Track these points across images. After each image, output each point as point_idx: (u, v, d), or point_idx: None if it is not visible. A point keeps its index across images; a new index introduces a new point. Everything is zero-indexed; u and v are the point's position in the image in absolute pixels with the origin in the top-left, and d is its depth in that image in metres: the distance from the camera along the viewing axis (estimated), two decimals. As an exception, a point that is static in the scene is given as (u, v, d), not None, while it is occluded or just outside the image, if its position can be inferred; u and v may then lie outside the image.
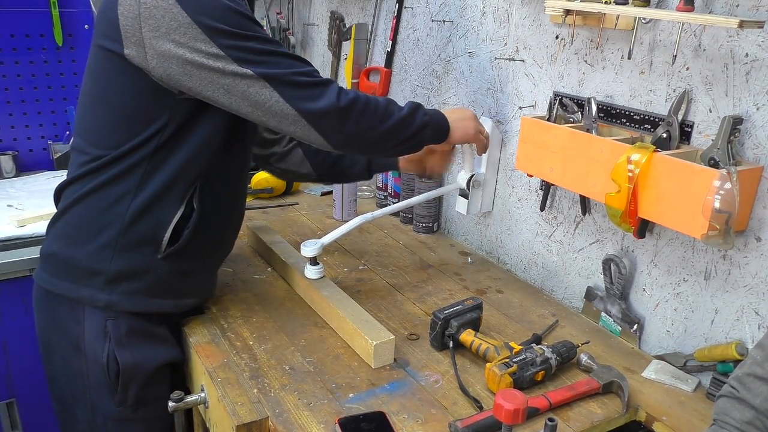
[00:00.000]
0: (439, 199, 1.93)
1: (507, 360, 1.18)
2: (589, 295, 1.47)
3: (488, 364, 1.19)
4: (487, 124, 1.65)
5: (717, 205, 1.06)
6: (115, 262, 1.21)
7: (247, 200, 2.12)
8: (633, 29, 1.23)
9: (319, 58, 2.61)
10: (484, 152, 1.54)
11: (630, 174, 1.18)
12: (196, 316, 1.43)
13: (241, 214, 1.43)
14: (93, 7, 2.27)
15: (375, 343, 1.23)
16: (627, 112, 1.32)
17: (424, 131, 1.30)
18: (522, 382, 1.17)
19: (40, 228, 1.81)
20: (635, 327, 1.37)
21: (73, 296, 1.22)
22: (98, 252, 1.20)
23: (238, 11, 1.09)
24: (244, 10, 1.11)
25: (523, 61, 1.58)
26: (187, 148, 1.18)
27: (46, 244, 1.28)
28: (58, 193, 1.28)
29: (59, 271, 1.24)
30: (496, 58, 1.66)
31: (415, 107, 1.29)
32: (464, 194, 1.72)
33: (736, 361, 1.14)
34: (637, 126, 1.31)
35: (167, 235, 1.21)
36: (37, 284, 1.29)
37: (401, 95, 2.09)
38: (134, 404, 1.28)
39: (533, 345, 1.25)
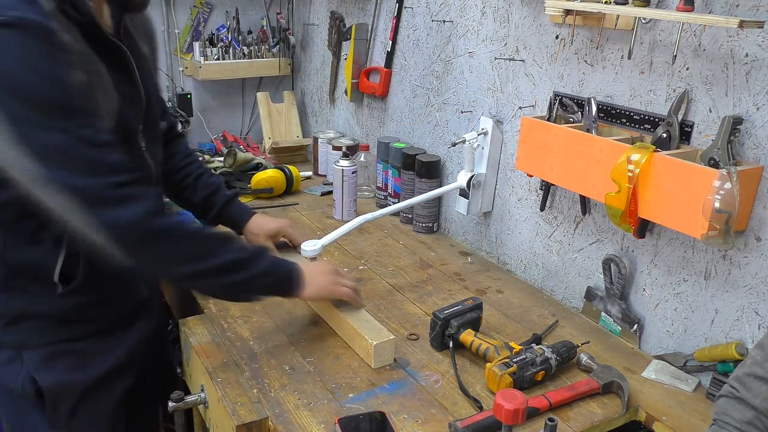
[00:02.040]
0: (439, 199, 1.93)
1: (507, 360, 1.18)
2: (589, 295, 1.47)
3: (488, 365, 1.19)
4: (488, 124, 1.65)
5: (717, 205, 1.06)
6: (10, 304, 1.17)
7: (246, 199, 2.13)
8: (633, 29, 1.23)
9: (319, 58, 2.61)
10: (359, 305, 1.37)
11: (630, 174, 1.18)
12: (196, 316, 1.43)
13: None
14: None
15: (375, 343, 1.23)
16: (627, 112, 1.32)
17: (258, 280, 1.18)
18: (522, 382, 1.17)
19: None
20: (635, 327, 1.37)
21: None
22: None
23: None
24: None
25: (523, 61, 1.58)
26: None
27: None
28: None
29: None
30: (496, 58, 1.66)
31: (258, 253, 1.19)
32: (464, 194, 1.71)
33: (736, 361, 1.13)
34: (637, 126, 1.31)
35: (56, 278, 1.14)
36: None
37: (401, 95, 2.09)
38: (66, 422, 1.24)
39: (533, 345, 1.25)
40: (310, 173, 2.41)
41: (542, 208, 1.55)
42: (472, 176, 1.67)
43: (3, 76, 0.92)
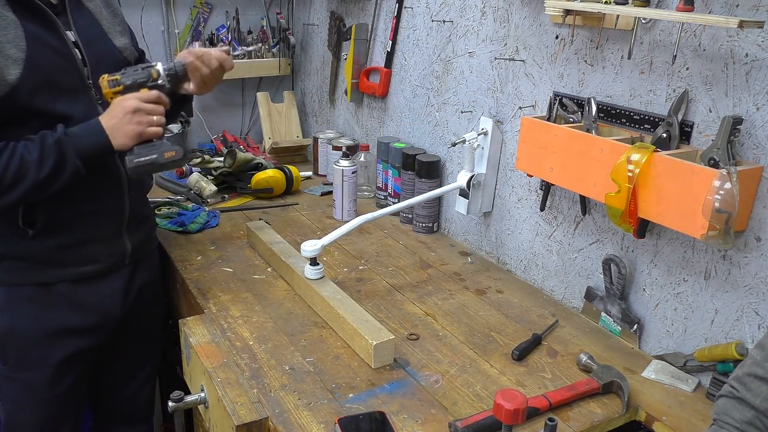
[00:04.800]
0: (439, 199, 1.93)
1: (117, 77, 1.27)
2: (589, 295, 1.47)
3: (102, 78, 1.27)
4: (488, 124, 1.65)
5: (717, 205, 1.06)
6: None
7: (246, 199, 2.13)
8: (633, 29, 1.23)
9: (319, 58, 2.61)
10: (199, 89, 1.38)
11: (630, 174, 1.18)
12: (196, 316, 1.43)
13: (115, 178, 1.38)
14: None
15: (375, 343, 1.23)
16: (627, 112, 1.32)
17: (73, 171, 1.22)
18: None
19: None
20: (635, 327, 1.37)
21: None
22: None
23: None
24: None
25: (523, 61, 1.58)
26: None
27: None
28: None
29: None
30: (496, 58, 1.66)
31: (59, 154, 1.20)
32: (464, 194, 1.71)
33: (736, 361, 1.13)
34: (637, 126, 1.31)
35: (19, 222, 1.26)
36: None
37: (401, 95, 2.09)
38: (15, 365, 1.36)
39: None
40: (310, 173, 2.41)
41: (542, 208, 1.55)
42: (472, 176, 1.67)
43: None
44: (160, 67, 1.32)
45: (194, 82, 1.37)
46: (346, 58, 2.32)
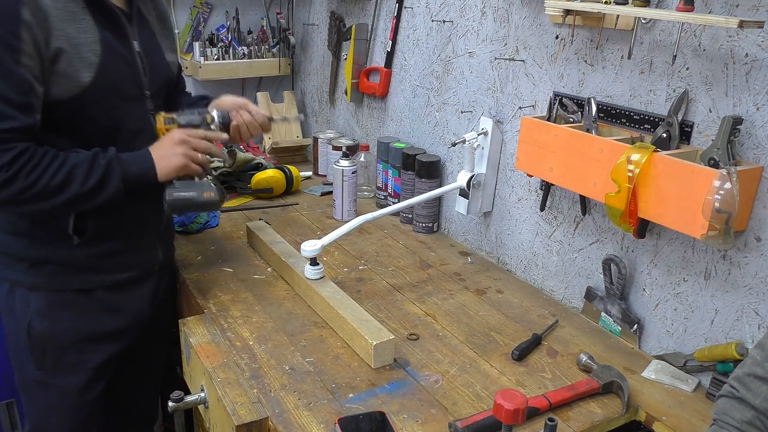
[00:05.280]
0: (439, 199, 1.93)
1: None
2: (589, 295, 1.47)
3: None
4: (488, 124, 1.65)
5: (717, 205, 1.06)
6: (34, 249, 1.31)
7: (246, 199, 2.13)
8: (633, 29, 1.23)
9: (319, 58, 2.61)
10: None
11: (630, 174, 1.18)
12: (196, 316, 1.43)
13: (158, 195, 1.39)
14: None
15: (375, 343, 1.23)
16: (627, 112, 1.32)
17: (116, 193, 1.24)
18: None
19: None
20: (635, 327, 1.37)
21: (7, 278, 1.34)
22: (16, 242, 1.32)
23: None
24: None
25: (523, 61, 1.58)
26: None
27: None
28: None
29: None
30: (496, 58, 1.66)
31: (106, 173, 1.22)
32: (464, 194, 1.71)
33: (736, 361, 1.13)
34: (637, 126, 1.31)
35: (69, 230, 1.28)
36: None
37: (401, 95, 2.09)
38: (52, 370, 1.37)
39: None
40: (310, 173, 2.41)
41: (542, 208, 1.55)
42: (472, 176, 1.67)
43: None
44: (215, 113, 1.38)
45: (232, 133, 1.44)
46: (346, 58, 2.32)
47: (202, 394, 1.26)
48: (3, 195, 1.15)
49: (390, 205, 1.97)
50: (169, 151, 1.29)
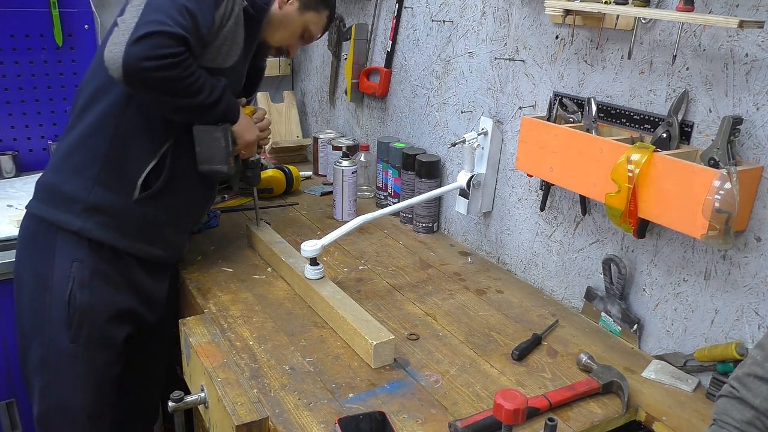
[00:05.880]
0: (439, 199, 1.93)
1: None
2: (589, 295, 1.47)
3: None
4: (488, 124, 1.65)
5: (717, 205, 1.05)
6: (93, 193, 1.36)
7: (246, 199, 2.13)
8: (633, 29, 1.23)
9: (319, 58, 2.61)
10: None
11: (630, 174, 1.18)
12: (196, 316, 1.43)
13: (211, 185, 1.57)
14: (93, 7, 2.27)
15: (375, 343, 1.23)
16: (627, 112, 1.32)
17: (218, 112, 1.38)
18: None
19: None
20: (635, 327, 1.37)
21: (53, 219, 1.38)
22: (79, 182, 1.37)
23: None
24: None
25: (523, 61, 1.58)
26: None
27: (42, 175, 1.44)
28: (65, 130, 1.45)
29: (45, 197, 1.41)
30: (496, 58, 1.66)
31: (220, 95, 1.36)
32: (464, 194, 1.71)
33: (736, 361, 1.13)
34: (637, 126, 1.31)
35: (140, 180, 1.37)
36: (27, 212, 1.44)
37: (401, 95, 2.09)
38: (86, 343, 1.40)
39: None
40: (310, 173, 2.41)
41: (542, 208, 1.55)
42: (472, 176, 1.67)
43: None
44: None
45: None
46: (346, 58, 2.32)
47: (202, 394, 1.26)
48: (163, 74, 1.22)
49: (390, 205, 1.97)
50: (248, 124, 1.48)
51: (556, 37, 1.47)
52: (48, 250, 1.38)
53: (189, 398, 1.25)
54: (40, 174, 1.45)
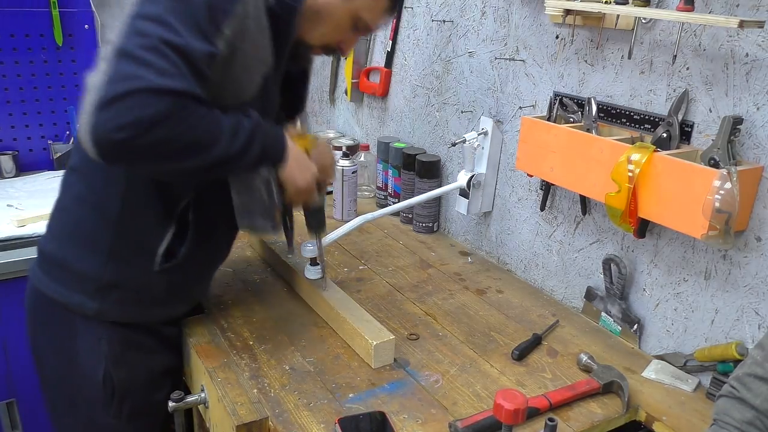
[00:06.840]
0: (439, 199, 1.93)
1: None
2: (589, 295, 1.47)
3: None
4: (488, 124, 1.65)
5: (717, 204, 1.06)
6: (109, 270, 1.18)
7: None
8: (633, 29, 1.23)
9: (319, 58, 2.61)
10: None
11: (630, 174, 1.18)
12: (196, 316, 1.43)
13: (235, 229, 1.35)
14: (93, 7, 2.27)
15: (375, 343, 1.23)
16: (627, 112, 1.32)
17: (250, 159, 1.05)
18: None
19: (40, 228, 1.79)
20: (635, 327, 1.37)
21: (64, 301, 1.20)
22: (92, 259, 1.18)
23: None
24: None
25: (523, 61, 1.58)
26: None
27: (44, 238, 1.25)
28: (66, 178, 1.23)
29: (52, 271, 1.22)
30: (496, 58, 1.66)
31: (248, 136, 1.03)
32: (464, 194, 1.71)
33: (736, 361, 1.13)
34: (637, 126, 1.31)
35: (161, 249, 1.18)
36: (30, 281, 1.27)
37: (401, 95, 2.09)
38: (129, 416, 1.29)
39: None
40: (310, 173, 2.40)
41: (542, 208, 1.55)
42: (472, 176, 1.67)
43: None
44: None
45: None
46: (346, 58, 2.32)
47: (202, 394, 1.25)
48: (148, 139, 0.90)
49: (390, 205, 1.97)
50: (301, 164, 1.14)
51: (557, 37, 1.47)
52: (68, 330, 1.23)
53: (189, 398, 1.25)
54: (41, 235, 1.26)
